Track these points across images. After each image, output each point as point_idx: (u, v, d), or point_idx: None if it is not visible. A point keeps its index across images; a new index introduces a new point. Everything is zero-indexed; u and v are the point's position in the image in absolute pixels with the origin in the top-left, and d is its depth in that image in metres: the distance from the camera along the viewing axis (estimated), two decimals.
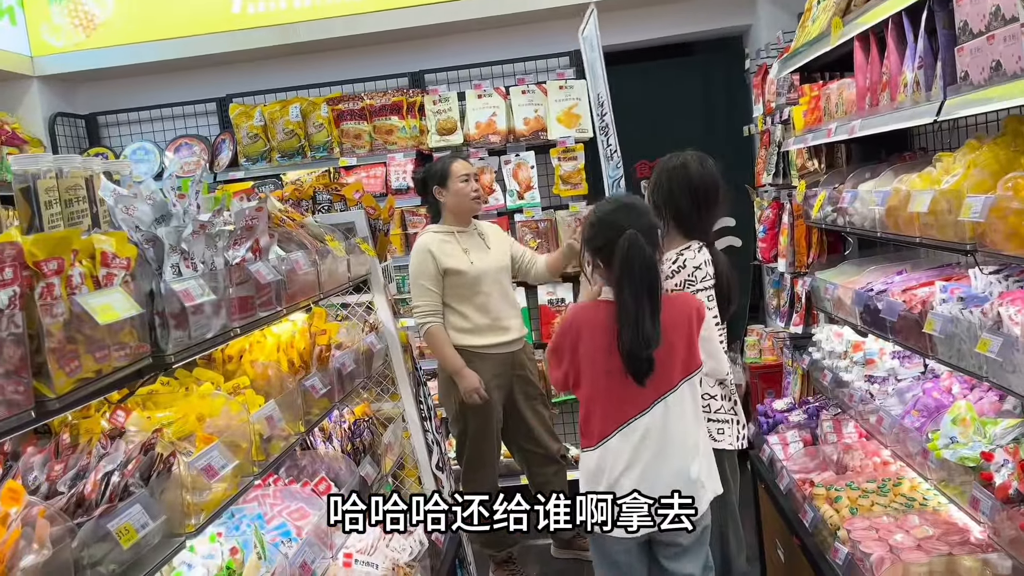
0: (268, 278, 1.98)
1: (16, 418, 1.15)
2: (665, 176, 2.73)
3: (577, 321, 2.35)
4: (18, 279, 1.15)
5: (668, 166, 2.74)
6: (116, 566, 1.35)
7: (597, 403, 2.30)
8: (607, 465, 2.27)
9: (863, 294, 2.76)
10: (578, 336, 2.32)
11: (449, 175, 3.50)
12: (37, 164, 1.76)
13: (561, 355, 2.36)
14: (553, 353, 2.40)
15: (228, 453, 1.69)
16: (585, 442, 2.34)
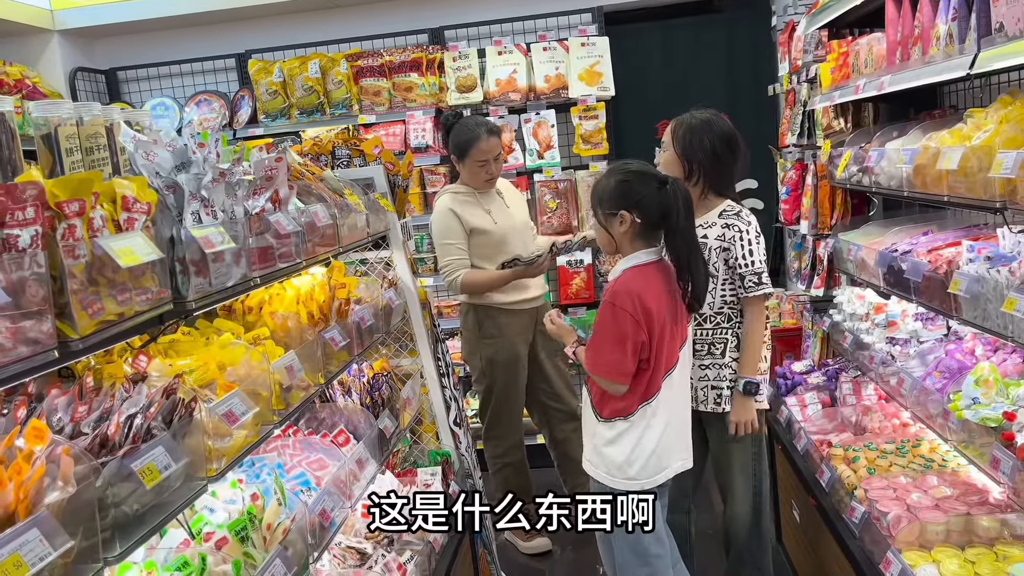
0: (288, 229, 1.98)
1: (40, 357, 1.16)
2: (697, 132, 2.67)
3: (636, 288, 2.28)
4: (40, 219, 1.15)
5: (694, 122, 2.69)
6: (139, 506, 1.37)
7: (656, 366, 2.32)
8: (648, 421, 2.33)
9: (887, 255, 2.72)
10: (647, 306, 2.27)
11: (469, 154, 3.43)
12: (58, 111, 1.76)
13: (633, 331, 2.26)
14: (619, 342, 2.27)
15: (249, 400, 1.71)
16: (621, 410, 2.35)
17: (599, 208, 2.37)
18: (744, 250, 2.59)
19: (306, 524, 1.89)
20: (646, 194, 2.30)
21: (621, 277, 2.34)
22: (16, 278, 1.11)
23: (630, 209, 2.30)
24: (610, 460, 2.35)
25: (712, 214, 2.63)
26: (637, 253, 2.33)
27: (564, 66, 4.67)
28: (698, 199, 2.63)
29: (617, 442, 2.34)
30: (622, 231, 2.33)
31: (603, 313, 2.32)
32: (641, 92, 5.09)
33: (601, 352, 2.31)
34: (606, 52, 4.64)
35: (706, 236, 2.59)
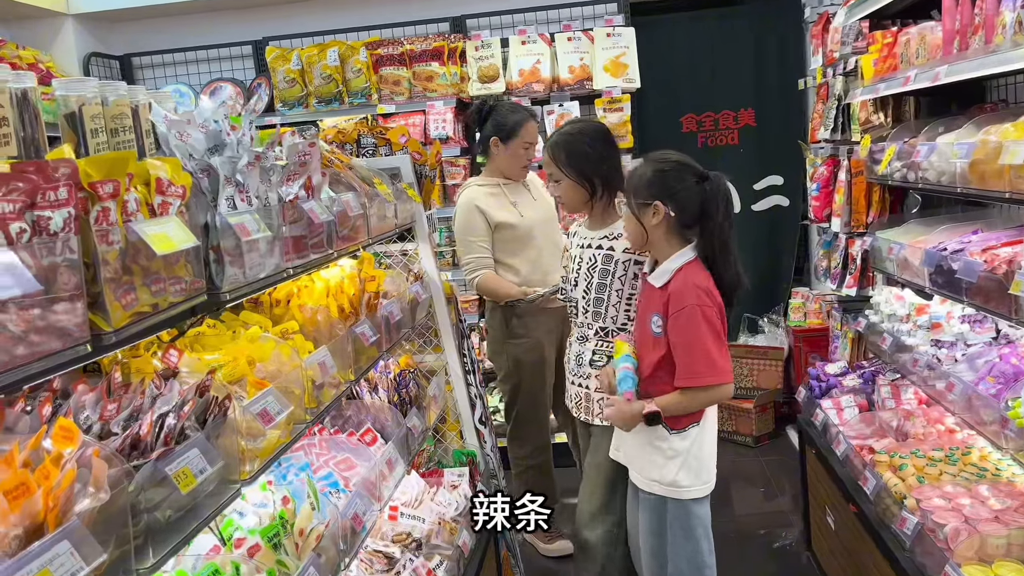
0: (321, 218, 1.88)
1: (71, 351, 1.06)
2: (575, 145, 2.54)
3: (703, 283, 2.17)
4: (73, 200, 1.06)
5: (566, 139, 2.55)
6: (172, 512, 1.27)
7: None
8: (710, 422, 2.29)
9: (935, 254, 2.61)
10: (713, 295, 2.17)
11: (517, 135, 3.29)
12: (82, 89, 1.66)
13: (720, 324, 2.16)
14: (718, 337, 2.15)
15: (283, 399, 1.61)
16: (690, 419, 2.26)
17: (632, 197, 2.25)
18: None
19: (338, 529, 1.79)
20: (683, 187, 2.18)
21: (680, 277, 2.19)
22: (47, 264, 1.01)
23: (664, 201, 2.18)
24: (687, 472, 2.23)
25: (618, 224, 2.49)
26: (683, 251, 2.21)
27: (589, 57, 4.56)
28: (604, 210, 2.55)
29: (692, 450, 2.23)
30: (654, 223, 2.20)
31: (688, 319, 2.12)
32: (667, 85, 4.98)
33: (709, 358, 2.11)
34: (632, 43, 4.53)
35: (612, 249, 2.48)
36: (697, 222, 2.19)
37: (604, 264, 2.49)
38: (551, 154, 2.56)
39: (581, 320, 2.57)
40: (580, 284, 2.56)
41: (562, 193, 2.58)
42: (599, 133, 2.58)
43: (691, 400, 2.17)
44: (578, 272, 2.57)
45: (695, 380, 2.14)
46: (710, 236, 2.18)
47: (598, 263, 2.51)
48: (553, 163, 2.55)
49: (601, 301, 2.50)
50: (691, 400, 2.17)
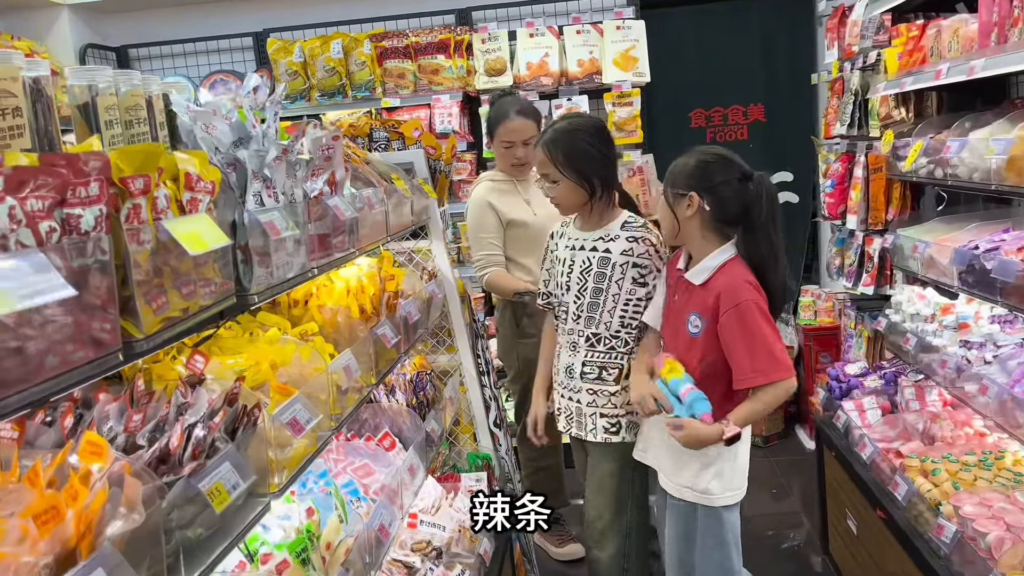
0: (346, 215, 1.80)
1: (101, 361, 0.97)
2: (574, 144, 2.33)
3: (751, 278, 2.07)
4: (104, 196, 0.97)
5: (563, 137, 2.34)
6: (203, 530, 1.19)
7: None
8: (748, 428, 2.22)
9: (966, 252, 2.54)
10: (762, 292, 2.07)
11: (496, 132, 3.20)
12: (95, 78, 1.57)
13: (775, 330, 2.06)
14: (776, 332, 2.05)
15: (311, 406, 1.52)
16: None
17: (670, 185, 2.15)
18: (663, 264, 2.37)
19: (365, 542, 1.71)
20: (724, 182, 2.07)
21: (725, 272, 2.08)
22: (78, 266, 0.93)
23: (701, 193, 2.07)
24: (720, 479, 2.15)
25: (614, 226, 2.38)
26: (724, 247, 2.11)
27: (598, 50, 4.48)
28: (605, 211, 2.40)
29: (726, 457, 2.14)
30: (687, 215, 2.10)
31: (746, 316, 2.02)
32: (677, 79, 4.90)
33: (770, 354, 2.00)
34: (642, 36, 4.45)
35: (608, 251, 2.35)
36: (739, 223, 2.09)
37: (600, 267, 2.36)
38: (547, 153, 2.34)
39: (571, 327, 2.43)
40: (572, 288, 2.41)
41: (559, 195, 2.38)
42: (597, 129, 2.40)
43: (761, 403, 2.04)
44: (569, 276, 2.42)
45: (761, 378, 2.01)
46: (754, 240, 2.07)
47: (593, 266, 2.37)
48: (550, 163, 2.34)
49: (596, 306, 2.37)
50: (761, 403, 2.04)
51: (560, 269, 2.45)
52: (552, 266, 2.51)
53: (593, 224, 2.42)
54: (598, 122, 2.45)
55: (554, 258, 2.50)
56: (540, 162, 2.38)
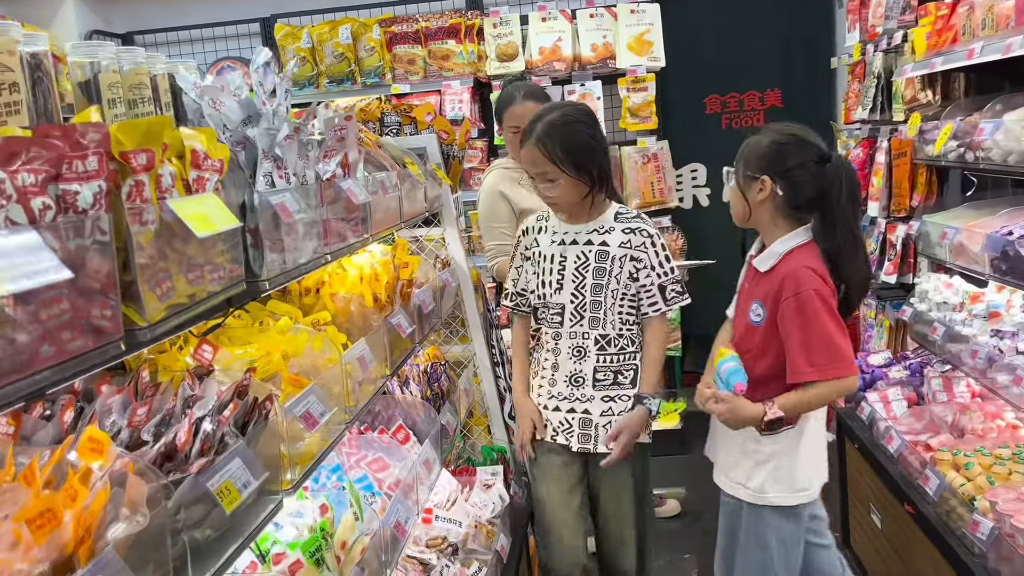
0: (360, 198, 1.72)
1: (101, 351, 0.90)
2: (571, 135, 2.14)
3: (819, 267, 1.93)
4: (104, 171, 0.89)
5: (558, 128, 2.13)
6: (212, 531, 1.12)
7: None
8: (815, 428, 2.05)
9: (999, 239, 2.45)
10: (829, 282, 1.93)
11: (502, 118, 3.05)
12: (98, 54, 1.49)
13: (841, 323, 1.92)
14: (840, 325, 1.92)
15: (325, 398, 1.45)
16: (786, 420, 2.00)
17: (742, 167, 2.02)
18: (659, 257, 2.22)
19: (381, 540, 1.64)
20: (799, 165, 1.93)
21: (791, 260, 1.96)
22: (75, 248, 0.85)
23: (774, 177, 1.94)
24: (775, 479, 2.02)
25: (607, 217, 2.23)
26: (795, 232, 1.97)
27: (612, 34, 4.38)
28: (599, 204, 2.23)
29: (782, 455, 2.00)
30: (759, 199, 1.97)
31: (805, 305, 1.90)
32: (692, 64, 4.80)
33: (831, 349, 1.88)
34: (657, 20, 4.35)
35: (606, 243, 2.20)
36: (815, 208, 1.96)
37: (599, 262, 2.20)
38: (543, 150, 2.11)
39: (571, 330, 2.23)
40: (565, 287, 2.22)
41: (559, 194, 2.16)
42: (590, 116, 2.23)
43: (813, 396, 1.93)
44: (561, 273, 2.23)
45: (816, 373, 1.89)
46: (831, 227, 1.93)
47: (591, 261, 2.21)
48: (547, 160, 2.12)
49: (599, 305, 2.20)
50: (813, 396, 1.93)
51: (546, 267, 2.26)
52: (528, 264, 2.31)
53: (584, 217, 2.24)
54: (587, 107, 2.30)
55: (534, 255, 2.29)
56: (534, 160, 2.15)
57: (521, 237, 2.33)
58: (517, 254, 2.32)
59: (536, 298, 2.28)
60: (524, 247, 2.31)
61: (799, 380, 1.91)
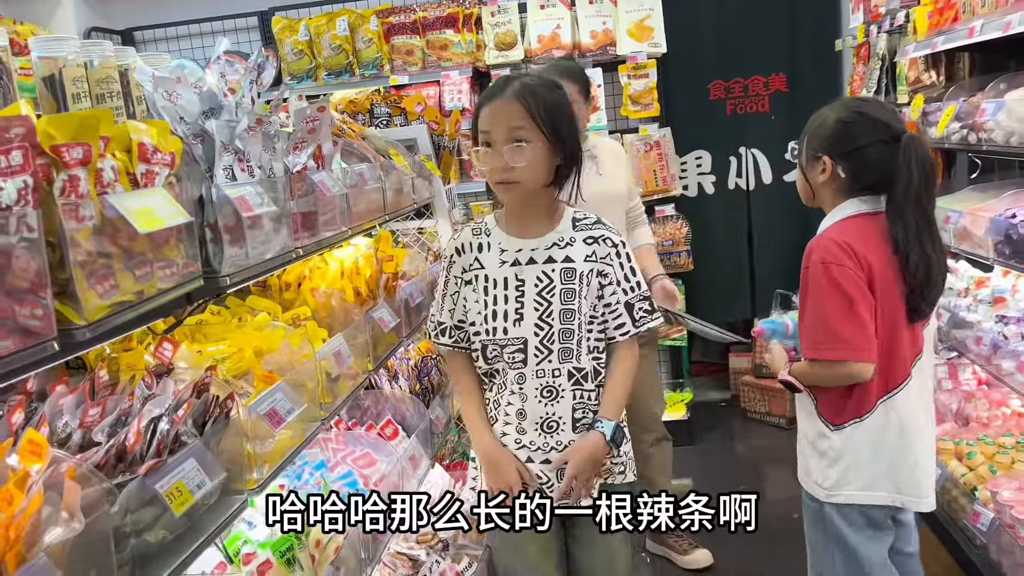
0: (333, 191, 1.69)
1: (32, 351, 0.87)
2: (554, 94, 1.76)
3: (847, 239, 1.77)
4: (30, 166, 0.86)
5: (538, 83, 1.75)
6: (167, 532, 1.09)
7: (892, 342, 1.80)
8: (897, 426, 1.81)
9: (1003, 222, 2.38)
10: (867, 259, 1.75)
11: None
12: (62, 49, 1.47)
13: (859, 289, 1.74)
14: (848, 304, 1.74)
15: (293, 395, 1.42)
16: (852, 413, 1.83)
17: (805, 145, 1.90)
18: (625, 269, 1.81)
19: (358, 538, 1.61)
20: (866, 145, 1.78)
21: (826, 231, 1.83)
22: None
23: (836, 158, 1.80)
24: (837, 471, 1.84)
25: (566, 225, 1.81)
26: (848, 203, 1.84)
27: (612, 21, 4.31)
28: (553, 204, 1.82)
29: (848, 450, 1.82)
30: (820, 181, 1.85)
31: (813, 279, 1.78)
32: (695, 49, 4.72)
33: (829, 329, 1.74)
34: (657, 5, 4.28)
35: (570, 259, 1.77)
36: (881, 190, 1.80)
37: (566, 282, 1.76)
38: (524, 104, 1.69)
39: (538, 367, 1.76)
40: (527, 318, 1.76)
41: (525, 164, 1.69)
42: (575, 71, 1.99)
43: (815, 373, 1.82)
44: (520, 302, 1.76)
45: (814, 351, 1.79)
46: (898, 212, 1.76)
47: (556, 283, 1.76)
48: (526, 115, 1.68)
49: (570, 334, 1.77)
50: (815, 373, 1.82)
51: (497, 294, 1.78)
52: (468, 290, 1.81)
53: (539, 226, 1.80)
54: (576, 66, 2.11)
55: (475, 280, 1.80)
56: (509, 114, 1.69)
57: (454, 257, 1.83)
58: (449, 277, 1.83)
59: (485, 333, 1.78)
60: (460, 268, 1.82)
61: (805, 356, 1.84)
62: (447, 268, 1.84)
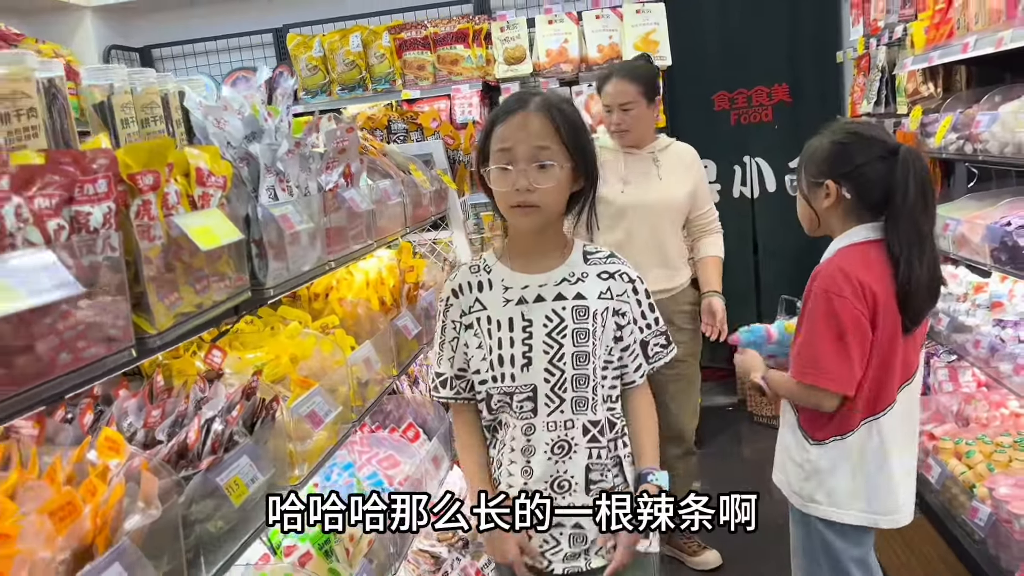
0: (362, 207, 1.80)
1: (115, 357, 0.98)
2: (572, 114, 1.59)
3: (854, 268, 1.79)
4: (113, 193, 0.97)
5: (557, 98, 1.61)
6: (223, 523, 1.20)
7: (884, 368, 1.83)
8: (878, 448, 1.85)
9: (998, 229, 2.48)
10: (871, 289, 1.77)
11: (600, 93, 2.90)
12: (110, 77, 1.58)
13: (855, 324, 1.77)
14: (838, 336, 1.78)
15: (330, 399, 1.53)
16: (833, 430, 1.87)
17: (803, 173, 1.91)
18: (643, 306, 1.67)
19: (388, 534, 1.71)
20: (864, 163, 1.80)
21: (834, 258, 1.85)
22: (88, 263, 0.93)
23: (839, 180, 1.82)
24: (828, 494, 1.87)
25: (576, 258, 1.65)
26: (855, 229, 1.85)
27: (618, 35, 4.43)
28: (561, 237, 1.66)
29: (837, 473, 1.85)
30: (826, 206, 1.85)
31: (814, 305, 1.81)
32: (699, 61, 4.83)
33: (817, 354, 1.79)
34: (662, 19, 4.39)
35: (582, 296, 1.60)
36: (882, 207, 1.82)
37: (579, 321, 1.59)
38: (552, 120, 1.53)
39: (549, 420, 1.59)
40: (536, 363, 1.58)
41: (549, 185, 1.52)
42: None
43: (793, 389, 1.87)
44: (527, 344, 1.58)
45: (798, 373, 1.83)
46: (895, 226, 1.78)
47: (568, 322, 1.59)
48: (553, 134, 1.53)
49: (584, 381, 1.59)
50: (793, 389, 1.87)
51: (502, 337, 1.60)
52: (470, 335, 1.62)
53: (547, 259, 1.63)
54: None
55: (477, 322, 1.62)
56: (537, 131, 1.52)
57: (451, 299, 1.65)
58: (447, 322, 1.65)
59: (491, 381, 1.60)
60: (459, 312, 1.64)
61: (791, 373, 1.89)
62: (444, 312, 1.65)
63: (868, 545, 1.96)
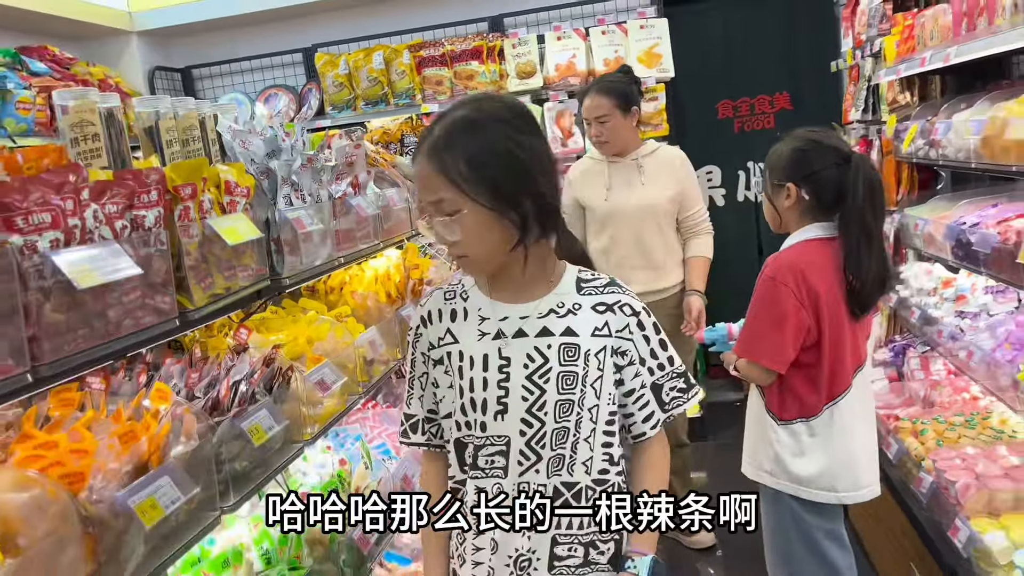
0: (367, 212, 2.10)
1: (163, 324, 1.29)
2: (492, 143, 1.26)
3: (800, 263, 2.00)
4: (162, 201, 1.29)
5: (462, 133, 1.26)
6: (248, 463, 1.50)
7: (836, 356, 2.02)
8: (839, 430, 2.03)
9: (955, 228, 2.71)
10: (811, 284, 1.98)
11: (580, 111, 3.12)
12: (157, 105, 1.90)
13: (794, 311, 1.97)
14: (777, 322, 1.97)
15: (337, 371, 1.83)
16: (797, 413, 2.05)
17: (768, 177, 2.12)
18: (651, 343, 1.40)
19: (389, 487, 2.01)
20: (821, 168, 2.01)
21: (786, 251, 2.08)
22: (143, 254, 1.25)
23: (799, 183, 2.03)
24: (795, 472, 2.04)
25: (566, 286, 1.39)
26: (808, 227, 2.07)
27: (623, 49, 4.70)
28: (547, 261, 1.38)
29: (804, 452, 2.04)
30: (787, 206, 2.07)
31: (760, 289, 2.04)
32: (701, 72, 5.09)
33: (755, 334, 2.03)
34: (665, 33, 4.65)
35: (572, 331, 1.35)
36: (835, 207, 2.02)
37: (566, 363, 1.35)
38: (437, 165, 1.26)
39: (520, 480, 1.35)
40: (512, 409, 1.34)
41: (465, 239, 1.28)
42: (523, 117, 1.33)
43: (741, 367, 2.09)
44: (503, 387, 1.34)
45: (742, 350, 2.08)
46: (847, 223, 1.98)
47: (553, 363, 1.34)
48: (445, 183, 1.26)
49: (565, 435, 1.35)
50: (741, 367, 2.09)
51: (475, 376, 1.35)
52: (439, 371, 1.40)
53: (531, 287, 1.37)
54: (519, 106, 1.34)
55: (447, 357, 1.38)
56: (425, 183, 1.28)
57: (420, 328, 1.42)
58: (416, 356, 1.43)
59: (460, 427, 1.37)
60: (427, 344, 1.41)
61: (735, 350, 2.14)
62: (412, 344, 1.43)
63: (838, 518, 2.13)
